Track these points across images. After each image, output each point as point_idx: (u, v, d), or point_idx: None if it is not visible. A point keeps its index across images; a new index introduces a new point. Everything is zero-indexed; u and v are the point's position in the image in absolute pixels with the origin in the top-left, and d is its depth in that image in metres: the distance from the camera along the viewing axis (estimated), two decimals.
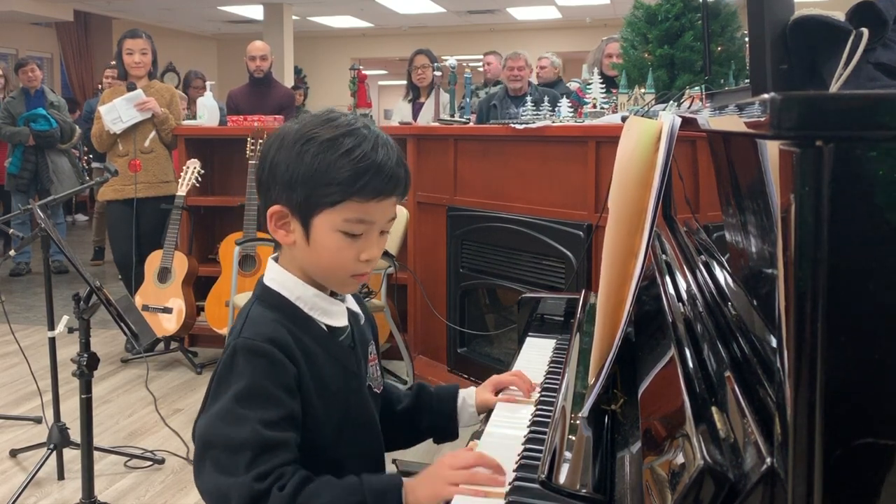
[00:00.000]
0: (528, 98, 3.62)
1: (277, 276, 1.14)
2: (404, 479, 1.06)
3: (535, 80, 5.58)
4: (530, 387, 1.35)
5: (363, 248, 1.08)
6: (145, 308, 3.84)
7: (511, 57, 5.10)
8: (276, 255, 1.17)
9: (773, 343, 0.66)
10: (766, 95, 0.56)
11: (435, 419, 1.33)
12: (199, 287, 3.99)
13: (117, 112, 4.01)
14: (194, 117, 4.51)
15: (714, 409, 0.76)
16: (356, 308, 1.23)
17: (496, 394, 1.35)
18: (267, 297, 1.13)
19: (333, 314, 1.15)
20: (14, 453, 2.85)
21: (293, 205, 1.07)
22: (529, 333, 1.72)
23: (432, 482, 1.04)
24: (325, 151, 1.04)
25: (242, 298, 3.33)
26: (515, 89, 5.04)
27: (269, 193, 1.09)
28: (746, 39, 1.62)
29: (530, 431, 1.18)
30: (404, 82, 5.28)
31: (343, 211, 1.05)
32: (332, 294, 1.17)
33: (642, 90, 2.93)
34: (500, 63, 6.38)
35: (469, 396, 1.34)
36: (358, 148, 1.04)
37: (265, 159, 1.10)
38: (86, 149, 7.15)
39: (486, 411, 1.33)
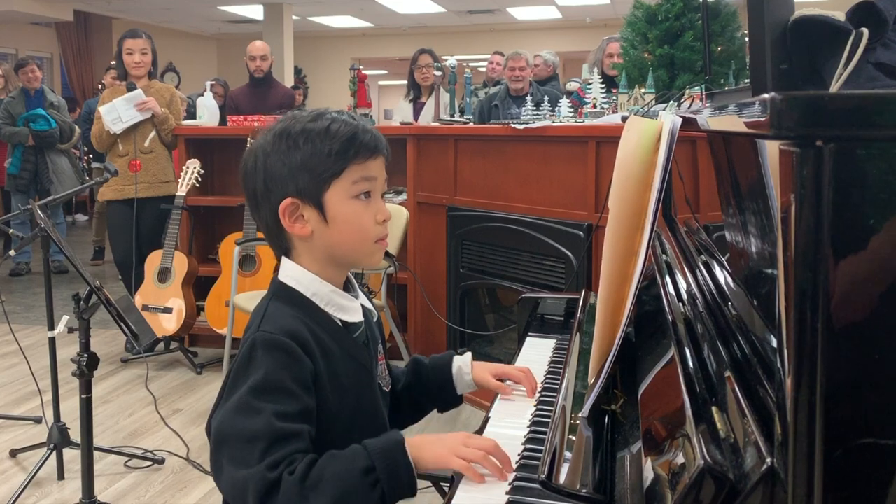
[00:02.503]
0: (529, 98, 3.63)
1: (293, 273, 1.16)
2: (406, 437, 1.07)
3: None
4: (534, 387, 1.35)
5: (376, 210, 1.14)
6: (145, 308, 3.84)
7: (512, 57, 5.10)
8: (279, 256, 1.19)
9: (773, 343, 0.66)
10: (766, 95, 0.56)
11: (432, 389, 1.35)
12: (199, 287, 3.99)
13: (117, 112, 4.00)
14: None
15: (714, 409, 0.76)
16: (370, 305, 1.25)
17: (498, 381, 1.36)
18: (283, 294, 1.15)
19: (348, 310, 1.17)
20: (14, 453, 2.85)
21: (301, 190, 1.11)
22: (529, 333, 1.72)
23: (441, 447, 1.05)
24: (310, 134, 1.11)
25: (242, 298, 3.33)
26: (517, 89, 5.04)
27: (271, 195, 1.12)
28: (746, 39, 1.62)
29: (530, 431, 1.18)
30: (404, 82, 5.27)
31: (349, 175, 1.11)
32: (346, 289, 1.19)
33: (642, 90, 2.93)
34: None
35: (465, 364, 1.36)
36: (336, 122, 1.12)
37: (255, 172, 1.14)
38: (86, 148, 7.12)
39: (483, 388, 1.35)
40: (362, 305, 1.21)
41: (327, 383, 1.10)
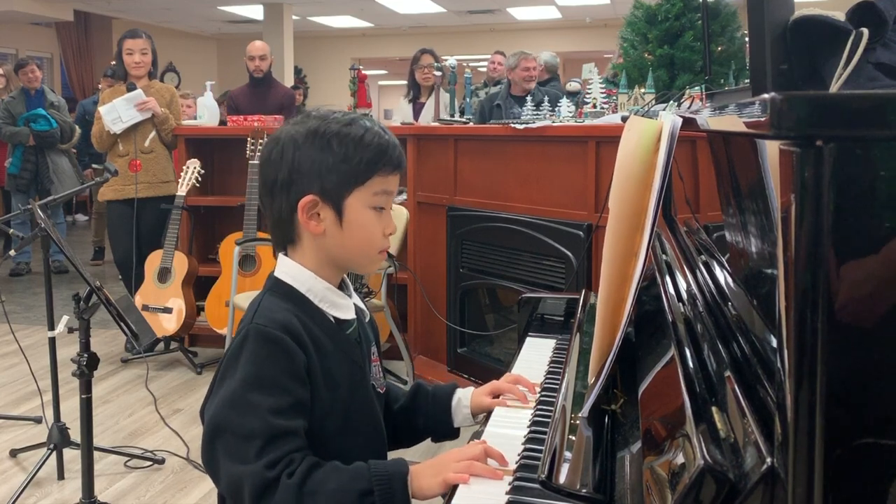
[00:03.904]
0: (529, 98, 3.62)
1: (289, 270, 1.17)
2: (410, 466, 1.08)
3: None
4: (528, 393, 1.34)
5: (386, 224, 1.17)
6: (145, 308, 3.84)
7: (524, 57, 5.09)
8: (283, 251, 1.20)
9: (773, 343, 0.66)
10: (766, 95, 0.56)
11: (430, 419, 1.34)
12: (199, 287, 3.99)
13: (117, 112, 4.00)
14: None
15: (714, 409, 0.76)
16: (362, 305, 1.26)
17: (494, 398, 1.35)
18: (278, 289, 1.17)
19: (342, 307, 1.19)
20: (14, 453, 2.85)
21: (325, 191, 1.12)
22: (529, 333, 1.72)
23: (436, 472, 1.07)
24: (345, 139, 1.12)
25: (242, 298, 3.33)
26: (529, 90, 5.01)
27: (293, 188, 1.13)
28: (746, 39, 1.62)
29: (530, 431, 1.19)
30: (404, 82, 5.26)
31: (371, 186, 1.14)
32: (340, 288, 1.20)
33: (642, 90, 2.93)
34: (506, 62, 6.44)
35: (465, 397, 1.35)
36: (370, 132, 1.14)
37: (280, 162, 1.14)
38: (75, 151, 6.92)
39: (481, 413, 1.33)
40: (355, 304, 1.23)
41: (320, 377, 1.11)
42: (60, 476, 2.66)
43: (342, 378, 1.15)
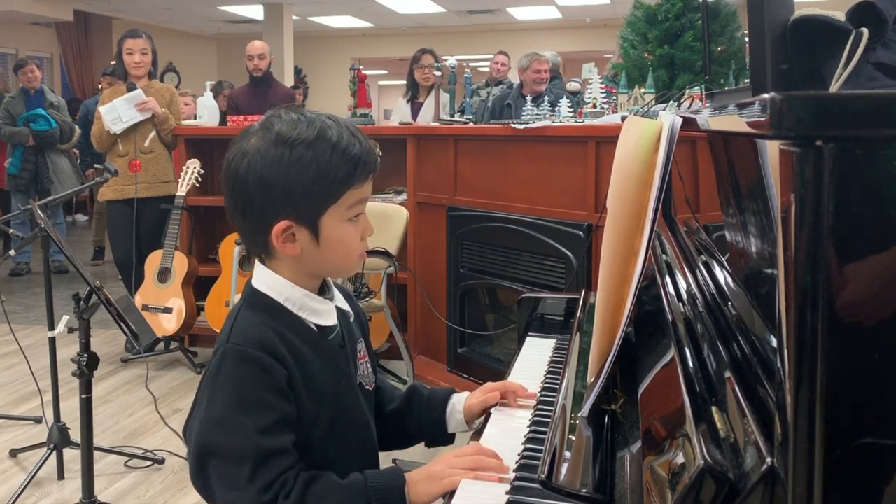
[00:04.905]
0: (538, 98, 3.62)
1: (266, 279, 1.14)
2: (406, 474, 1.07)
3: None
4: (519, 396, 1.32)
5: (363, 228, 1.12)
6: (145, 308, 3.84)
7: (537, 59, 5.08)
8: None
9: (773, 343, 0.66)
10: (766, 95, 0.56)
11: (423, 424, 1.31)
12: (199, 287, 3.99)
13: (117, 112, 4.01)
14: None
15: (714, 409, 0.76)
16: (345, 306, 1.23)
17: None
18: (255, 300, 1.13)
19: (322, 313, 1.15)
20: (14, 453, 2.85)
21: (300, 214, 1.07)
22: (529, 333, 1.72)
23: (433, 479, 1.06)
24: (317, 151, 1.05)
25: None
26: (539, 91, 5.01)
27: (266, 209, 1.07)
28: (746, 39, 1.62)
29: (530, 431, 1.18)
30: (404, 82, 5.26)
31: (346, 200, 1.08)
32: (321, 293, 1.17)
33: (642, 90, 2.93)
34: (508, 62, 6.45)
35: (459, 403, 1.31)
36: (343, 139, 1.06)
37: (247, 178, 1.06)
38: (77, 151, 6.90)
39: (475, 419, 1.31)
40: (337, 307, 1.19)
41: (302, 388, 1.09)
42: (60, 476, 2.66)
43: (327, 386, 1.12)
